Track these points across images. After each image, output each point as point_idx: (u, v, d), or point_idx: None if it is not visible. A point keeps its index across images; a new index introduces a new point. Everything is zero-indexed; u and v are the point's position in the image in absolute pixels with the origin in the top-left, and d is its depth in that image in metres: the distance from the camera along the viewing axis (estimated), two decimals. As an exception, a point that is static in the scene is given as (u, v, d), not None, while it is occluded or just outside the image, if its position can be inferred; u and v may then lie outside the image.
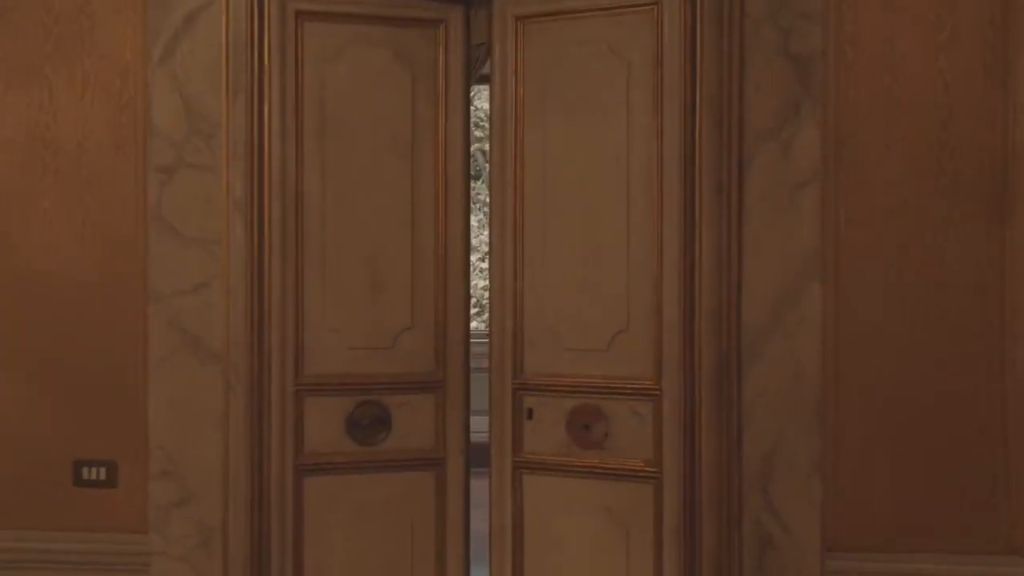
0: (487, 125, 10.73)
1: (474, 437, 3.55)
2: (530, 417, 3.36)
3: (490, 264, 3.41)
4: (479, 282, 10.51)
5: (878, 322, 3.11)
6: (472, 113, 10.70)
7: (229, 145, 3.24)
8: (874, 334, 3.11)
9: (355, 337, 3.39)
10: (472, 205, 10.77)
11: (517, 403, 3.37)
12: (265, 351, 3.29)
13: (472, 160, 11.12)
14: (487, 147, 11.03)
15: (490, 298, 3.42)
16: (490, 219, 3.39)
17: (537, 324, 3.35)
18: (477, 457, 3.64)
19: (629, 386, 3.27)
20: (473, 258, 10.47)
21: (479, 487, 3.61)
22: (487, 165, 11.35)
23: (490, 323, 3.36)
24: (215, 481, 3.26)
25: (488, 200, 3.32)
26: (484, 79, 7.26)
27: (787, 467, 3.10)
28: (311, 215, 3.34)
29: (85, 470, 3.34)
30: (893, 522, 3.11)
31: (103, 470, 3.33)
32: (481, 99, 10.79)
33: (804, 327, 3.09)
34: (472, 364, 3.52)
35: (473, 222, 11.06)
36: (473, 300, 10.45)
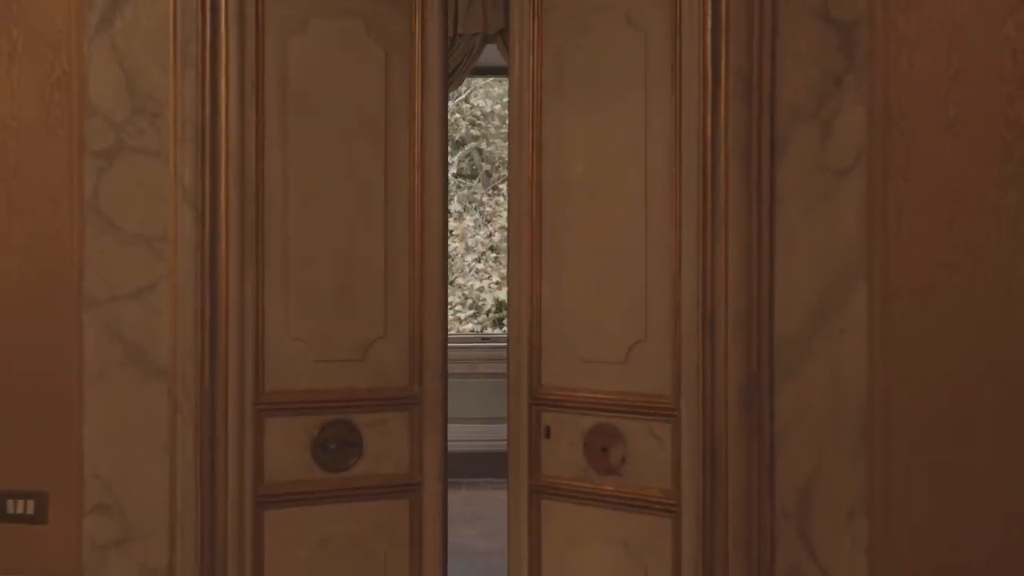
0: (483, 123, 10.90)
1: (469, 446, 3.56)
2: (548, 436, 3.26)
3: (508, 268, 3.38)
4: (474, 283, 10.34)
5: (933, 330, 2.91)
6: (468, 111, 10.69)
7: (177, 126, 3.12)
8: (929, 344, 2.91)
9: (322, 348, 3.26)
10: (468, 205, 10.75)
11: (534, 419, 3.29)
12: (219, 365, 3.15)
13: (468, 160, 11.11)
14: (483, 146, 11.10)
15: (508, 307, 3.35)
16: (508, 216, 3.36)
17: (554, 333, 3.28)
18: (473, 467, 3.62)
19: (647, 404, 3.12)
20: (469, 259, 10.31)
21: (476, 498, 3.59)
22: (483, 164, 11.38)
23: (508, 333, 3.35)
24: (160, 516, 3.14)
25: (484, 200, 3.10)
26: (479, 72, 7.09)
27: (828, 501, 2.96)
28: (272, 208, 3.21)
29: (10, 503, 3.22)
30: (951, 566, 2.90)
31: (31, 503, 3.21)
32: (477, 96, 10.65)
33: (847, 336, 2.94)
34: (467, 368, 3.36)
35: (469, 222, 11.04)
36: (468, 302, 10.26)
